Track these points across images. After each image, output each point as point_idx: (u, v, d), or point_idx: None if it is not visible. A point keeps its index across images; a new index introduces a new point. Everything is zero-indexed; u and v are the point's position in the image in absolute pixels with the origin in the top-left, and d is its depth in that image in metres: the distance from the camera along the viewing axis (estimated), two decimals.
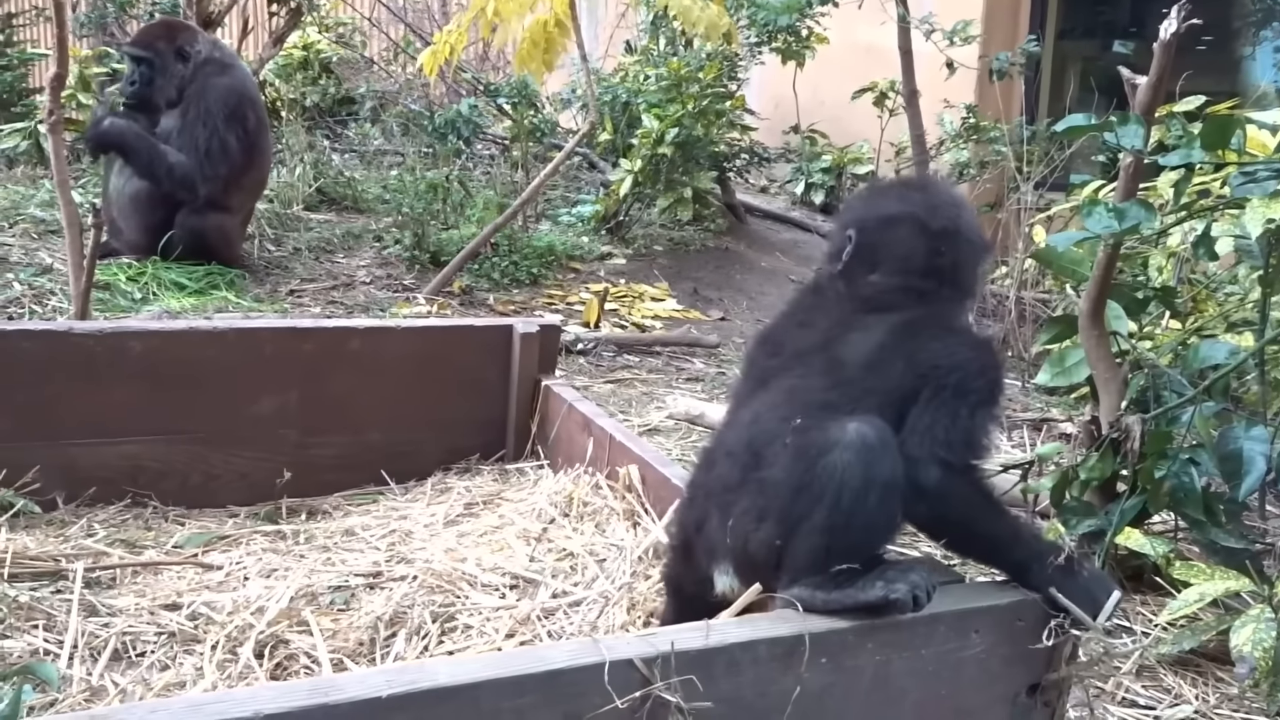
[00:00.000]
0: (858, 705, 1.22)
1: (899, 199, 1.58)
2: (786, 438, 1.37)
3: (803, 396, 1.43)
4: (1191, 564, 2.25)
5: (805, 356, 1.49)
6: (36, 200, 4.95)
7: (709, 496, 1.49)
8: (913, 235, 1.51)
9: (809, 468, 1.31)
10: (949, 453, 1.37)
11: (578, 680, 1.07)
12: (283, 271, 4.79)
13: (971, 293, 1.58)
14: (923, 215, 1.52)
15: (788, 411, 1.41)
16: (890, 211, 1.55)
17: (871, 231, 1.53)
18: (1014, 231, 5.06)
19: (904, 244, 1.51)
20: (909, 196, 1.58)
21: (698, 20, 4.51)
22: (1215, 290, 3.25)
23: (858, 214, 1.59)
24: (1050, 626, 1.28)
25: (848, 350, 1.46)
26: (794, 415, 1.40)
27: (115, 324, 2.50)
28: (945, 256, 1.52)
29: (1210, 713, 2.02)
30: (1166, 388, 2.38)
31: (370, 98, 7.75)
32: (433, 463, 2.48)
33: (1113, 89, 2.79)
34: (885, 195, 1.64)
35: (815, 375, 1.45)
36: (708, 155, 6.10)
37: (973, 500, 1.40)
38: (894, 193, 1.63)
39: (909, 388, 1.40)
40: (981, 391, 1.43)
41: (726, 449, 1.51)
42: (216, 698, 0.96)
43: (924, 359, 1.42)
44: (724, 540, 1.41)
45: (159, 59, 4.39)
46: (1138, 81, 2.28)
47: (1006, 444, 3.57)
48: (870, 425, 1.32)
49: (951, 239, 1.52)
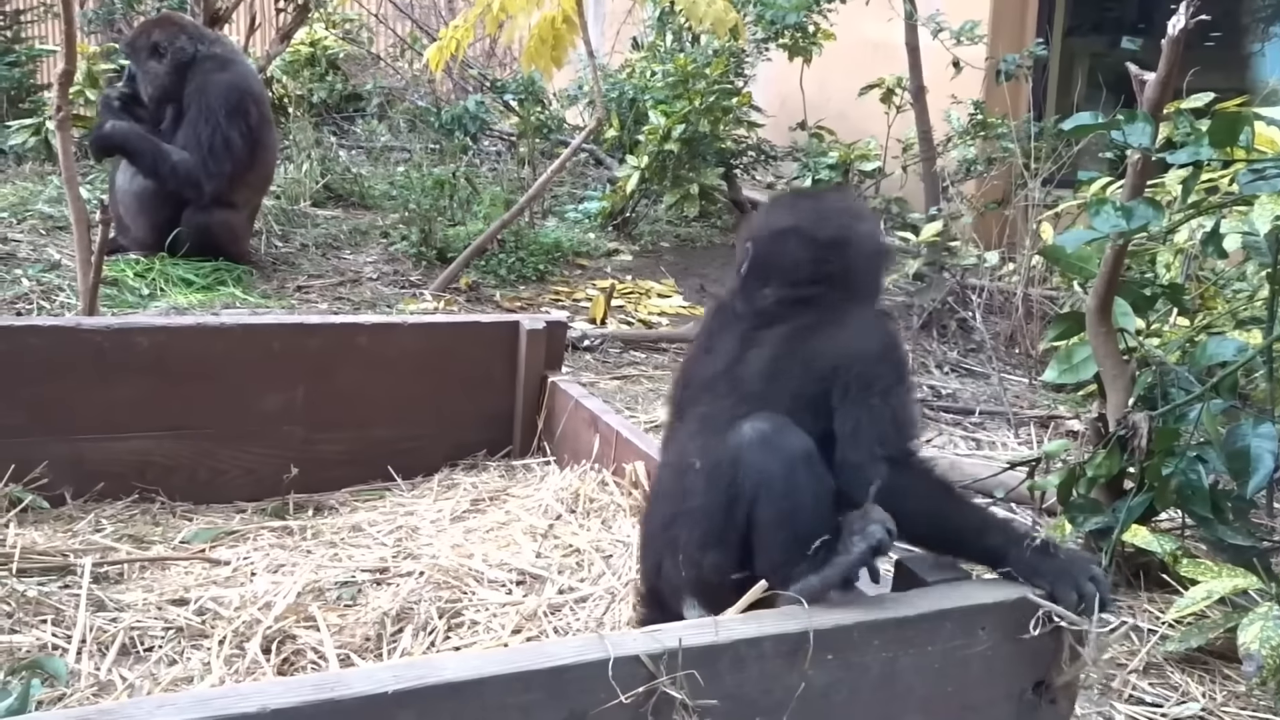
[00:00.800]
0: (863, 702, 1.22)
1: (789, 211, 1.59)
2: (696, 463, 1.41)
3: (712, 423, 1.44)
4: (1199, 561, 2.25)
5: (712, 383, 1.51)
6: (45, 196, 4.97)
7: (656, 539, 1.52)
8: (800, 246, 1.51)
9: (727, 482, 1.35)
10: (885, 447, 1.38)
11: (584, 676, 1.07)
12: (290, 268, 4.80)
13: (870, 297, 1.57)
14: (809, 226, 1.52)
15: (703, 441, 1.44)
16: (780, 225, 1.55)
17: (764, 245, 1.54)
18: (1021, 228, 5.05)
19: (792, 255, 1.51)
20: (799, 207, 1.60)
21: (704, 15, 4.50)
22: (1223, 287, 3.24)
23: (754, 228, 1.59)
24: (1038, 616, 1.28)
25: (747, 369, 1.48)
26: (708, 443, 1.42)
27: (123, 320, 2.51)
28: (834, 264, 1.51)
29: (1217, 710, 2.02)
30: (1174, 385, 2.38)
31: (377, 94, 7.76)
32: (439, 459, 2.48)
33: (1121, 85, 2.78)
34: (777, 208, 1.64)
35: (722, 399, 1.47)
36: (714, 152, 6.09)
37: (931, 491, 1.41)
38: (786, 205, 1.64)
39: (813, 392, 1.42)
40: (887, 375, 1.43)
41: (660, 490, 1.55)
42: (223, 693, 0.97)
43: (820, 363, 1.43)
44: (680, 576, 1.44)
45: (136, 56, 4.41)
46: (1146, 78, 2.27)
47: (1014, 441, 3.57)
48: (762, 418, 1.36)
49: (840, 247, 1.52)
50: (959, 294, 4.98)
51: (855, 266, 1.54)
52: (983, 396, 4.10)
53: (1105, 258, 2.37)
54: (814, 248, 1.51)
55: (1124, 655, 2.20)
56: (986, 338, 4.56)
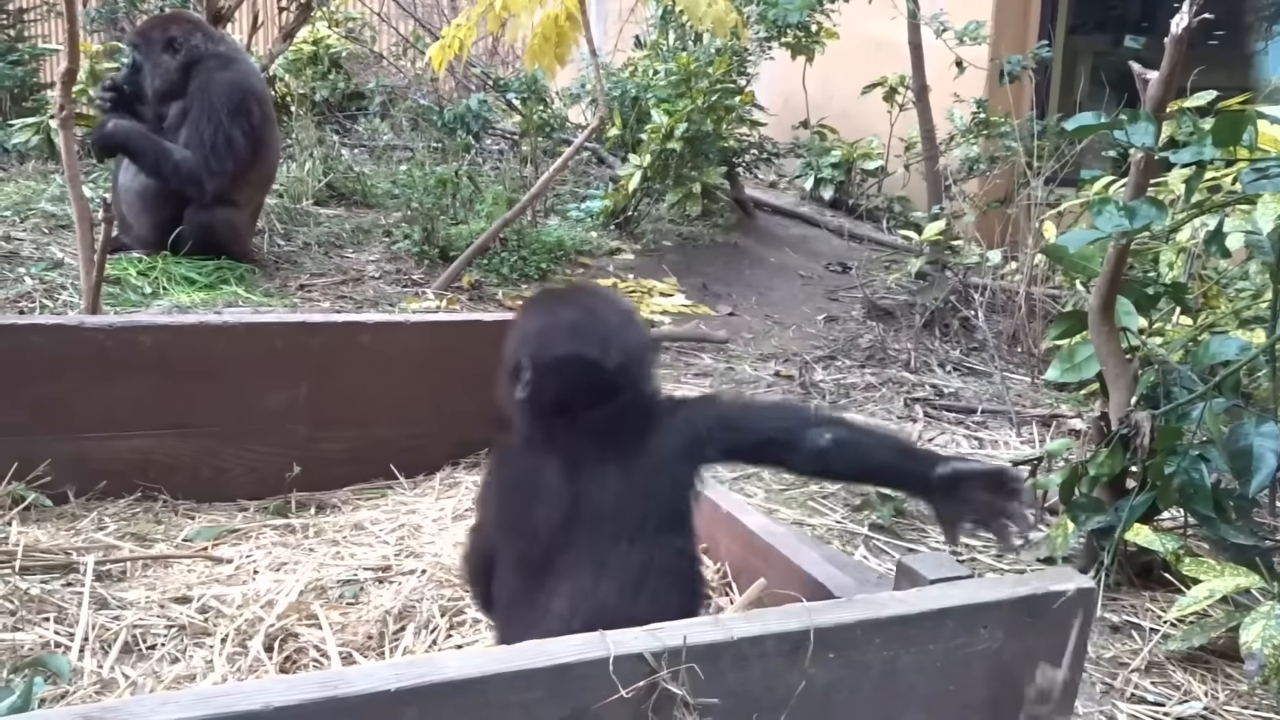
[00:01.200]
0: (865, 700, 1.22)
1: (568, 335, 1.49)
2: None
3: (618, 567, 1.40)
4: (1201, 560, 2.25)
5: (569, 528, 1.43)
6: (48, 195, 4.97)
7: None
8: (588, 374, 1.46)
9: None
10: (800, 419, 1.46)
11: (586, 674, 1.07)
12: (292, 266, 4.80)
13: (652, 386, 1.54)
14: (597, 354, 1.46)
15: (621, 582, 1.39)
16: (561, 351, 1.47)
17: (547, 374, 1.47)
18: (1024, 227, 5.04)
19: (581, 385, 1.46)
20: (577, 328, 1.49)
21: (704, 15, 4.49)
22: (1226, 286, 3.24)
23: (529, 349, 1.49)
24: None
25: (606, 503, 1.43)
26: (630, 586, 1.38)
27: (126, 318, 2.51)
28: (625, 383, 1.48)
29: (1219, 709, 2.02)
30: (1177, 384, 2.38)
31: (380, 93, 7.76)
32: (442, 457, 2.48)
33: (1124, 84, 2.78)
34: (550, 327, 1.52)
35: (609, 541, 1.41)
36: (717, 150, 6.09)
37: (852, 436, 1.46)
38: (560, 325, 1.51)
39: (690, 477, 1.46)
40: (737, 411, 1.51)
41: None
42: (226, 690, 0.97)
43: (675, 465, 1.45)
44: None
45: (148, 48, 4.40)
46: (1149, 77, 2.27)
47: (1016, 440, 3.57)
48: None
49: (628, 369, 1.49)
50: (961, 293, 4.98)
51: (641, 373, 1.52)
52: (985, 395, 4.10)
53: (1108, 257, 2.37)
54: (603, 374, 1.46)
55: (1126, 654, 2.20)
56: (989, 337, 4.56)
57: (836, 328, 5.14)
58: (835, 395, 3.96)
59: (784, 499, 2.90)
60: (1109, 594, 2.40)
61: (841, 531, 2.73)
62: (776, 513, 2.78)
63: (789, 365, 4.34)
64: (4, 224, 4.60)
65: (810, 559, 1.56)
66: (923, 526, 2.80)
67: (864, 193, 7.28)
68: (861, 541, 2.68)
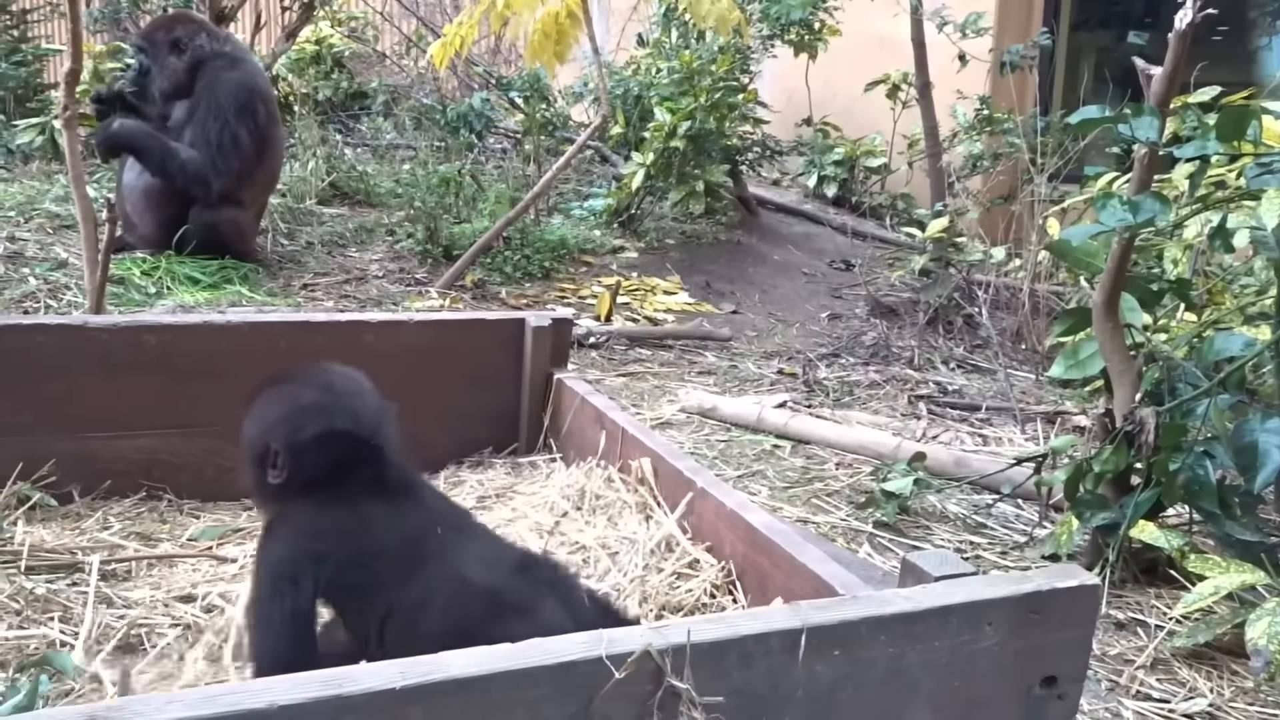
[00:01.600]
0: (870, 697, 1.22)
1: (319, 414, 1.53)
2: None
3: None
4: (1206, 557, 2.24)
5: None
6: (51, 195, 4.98)
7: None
8: (347, 446, 1.52)
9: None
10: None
11: (591, 672, 1.07)
12: (296, 265, 4.81)
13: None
14: (351, 426, 1.53)
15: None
16: (316, 431, 1.51)
17: (304, 452, 1.50)
18: (1028, 224, 5.05)
19: (341, 455, 1.51)
20: (328, 410, 1.54)
21: (707, 14, 4.50)
22: (1231, 282, 3.23)
23: (281, 431, 1.52)
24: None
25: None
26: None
27: (130, 318, 2.51)
28: (377, 443, 1.55)
29: (1225, 706, 2.02)
30: (1181, 380, 2.38)
31: (382, 92, 7.77)
32: (445, 456, 2.48)
33: (1127, 80, 2.77)
34: (301, 409, 1.55)
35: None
36: (720, 148, 6.09)
37: None
38: (309, 405, 1.55)
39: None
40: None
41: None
42: (231, 689, 0.97)
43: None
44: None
45: (155, 50, 4.41)
46: (1152, 72, 2.26)
47: (1020, 437, 3.56)
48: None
49: (377, 436, 1.55)
50: (965, 290, 4.98)
51: (388, 435, 1.58)
52: (989, 392, 4.10)
53: (1112, 253, 2.37)
54: (360, 445, 1.53)
55: (1131, 651, 2.20)
56: (993, 333, 4.56)
57: (840, 325, 5.14)
58: (839, 393, 3.96)
59: (788, 497, 2.90)
60: (1114, 591, 2.40)
61: (846, 529, 2.73)
62: (780, 510, 2.78)
63: (792, 363, 4.34)
64: (8, 224, 4.60)
65: (815, 556, 1.56)
66: (927, 524, 2.80)
67: (867, 190, 7.28)
68: (866, 539, 2.68)
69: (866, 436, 3.31)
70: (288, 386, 1.60)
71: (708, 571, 1.82)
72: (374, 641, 1.42)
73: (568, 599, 1.50)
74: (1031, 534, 2.75)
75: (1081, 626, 1.32)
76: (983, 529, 2.81)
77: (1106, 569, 2.38)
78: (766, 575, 1.67)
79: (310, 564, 1.44)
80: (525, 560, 1.57)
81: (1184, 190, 2.75)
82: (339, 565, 1.44)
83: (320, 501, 1.49)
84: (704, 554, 1.86)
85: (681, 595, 1.79)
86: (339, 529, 1.48)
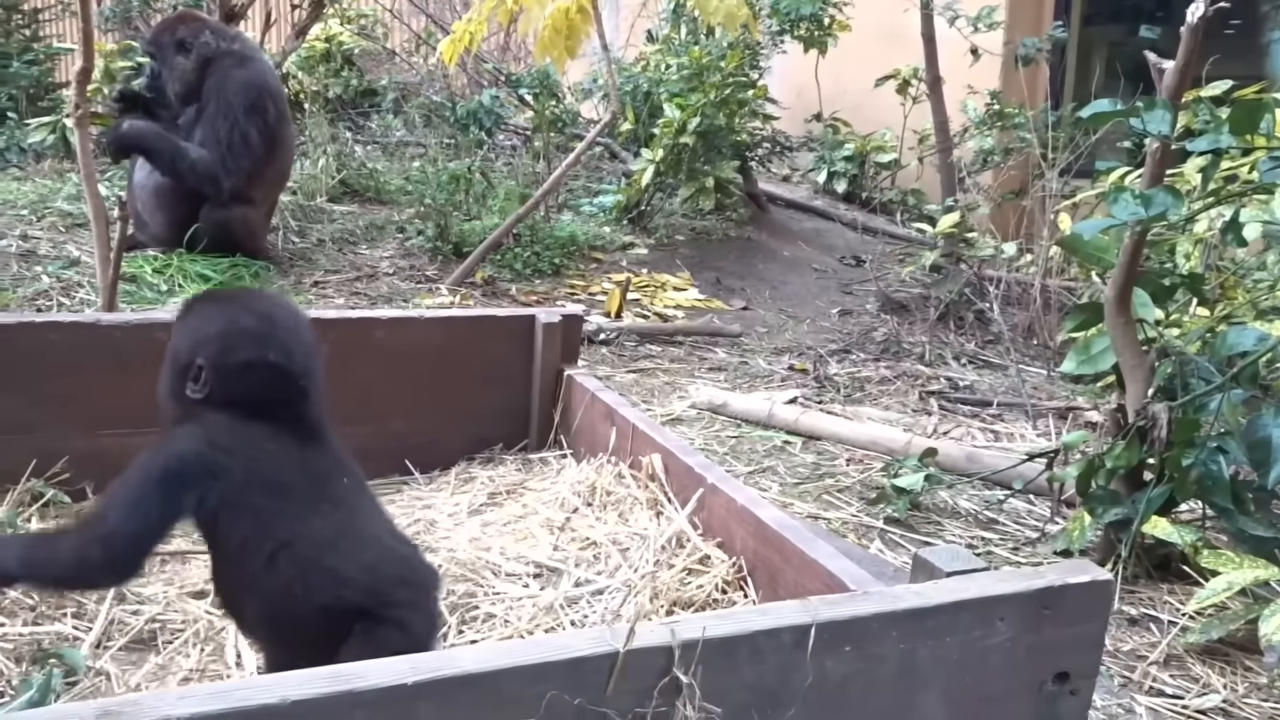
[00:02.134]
0: (881, 692, 1.22)
1: (254, 341, 1.51)
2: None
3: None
4: (1220, 552, 2.23)
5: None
6: (63, 194, 4.99)
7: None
8: (275, 379, 1.51)
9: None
10: None
11: (602, 668, 1.07)
12: (307, 263, 4.81)
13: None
14: (282, 361, 1.51)
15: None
16: (247, 357, 1.50)
17: (230, 375, 1.49)
18: (1039, 219, 5.03)
19: (267, 387, 1.51)
20: (264, 335, 1.52)
21: (715, 10, 4.49)
22: (1243, 277, 3.22)
23: (211, 349, 1.51)
24: None
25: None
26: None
27: (142, 315, 2.51)
28: (305, 383, 1.54)
29: (1239, 702, 2.01)
30: (1194, 375, 2.37)
31: (392, 89, 7.77)
32: (456, 452, 2.49)
33: (1139, 74, 2.76)
34: (231, 330, 1.53)
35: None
36: (730, 144, 6.08)
37: None
38: (242, 329, 1.53)
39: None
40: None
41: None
42: (243, 684, 0.97)
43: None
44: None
45: (162, 53, 4.42)
46: (1164, 66, 2.25)
47: (1032, 433, 3.55)
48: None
49: (306, 376, 1.54)
50: (976, 285, 4.97)
51: (317, 368, 1.58)
52: (1001, 388, 4.09)
53: (1124, 247, 2.36)
54: (288, 381, 1.52)
55: (1144, 647, 2.19)
56: (1004, 329, 4.55)
57: (851, 321, 5.13)
58: (850, 389, 3.95)
59: (799, 493, 2.89)
60: (1126, 587, 2.39)
61: (857, 525, 2.73)
62: (791, 506, 2.78)
63: (803, 359, 4.34)
64: (21, 222, 4.62)
65: (826, 552, 1.56)
66: (938, 520, 2.79)
67: (878, 186, 7.27)
68: (877, 535, 2.68)
69: (878, 432, 3.31)
70: (229, 306, 1.60)
71: (718, 567, 1.82)
72: (257, 567, 1.40)
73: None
74: (1043, 530, 2.75)
75: (1094, 622, 1.32)
76: (994, 525, 2.80)
77: (1119, 565, 2.37)
78: (777, 571, 1.67)
79: (208, 477, 1.40)
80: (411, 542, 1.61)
81: (1196, 184, 2.74)
82: (239, 486, 1.41)
83: (234, 420, 1.48)
84: (715, 550, 1.86)
85: (692, 591, 1.79)
86: (249, 450, 1.46)
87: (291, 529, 1.42)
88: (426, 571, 1.55)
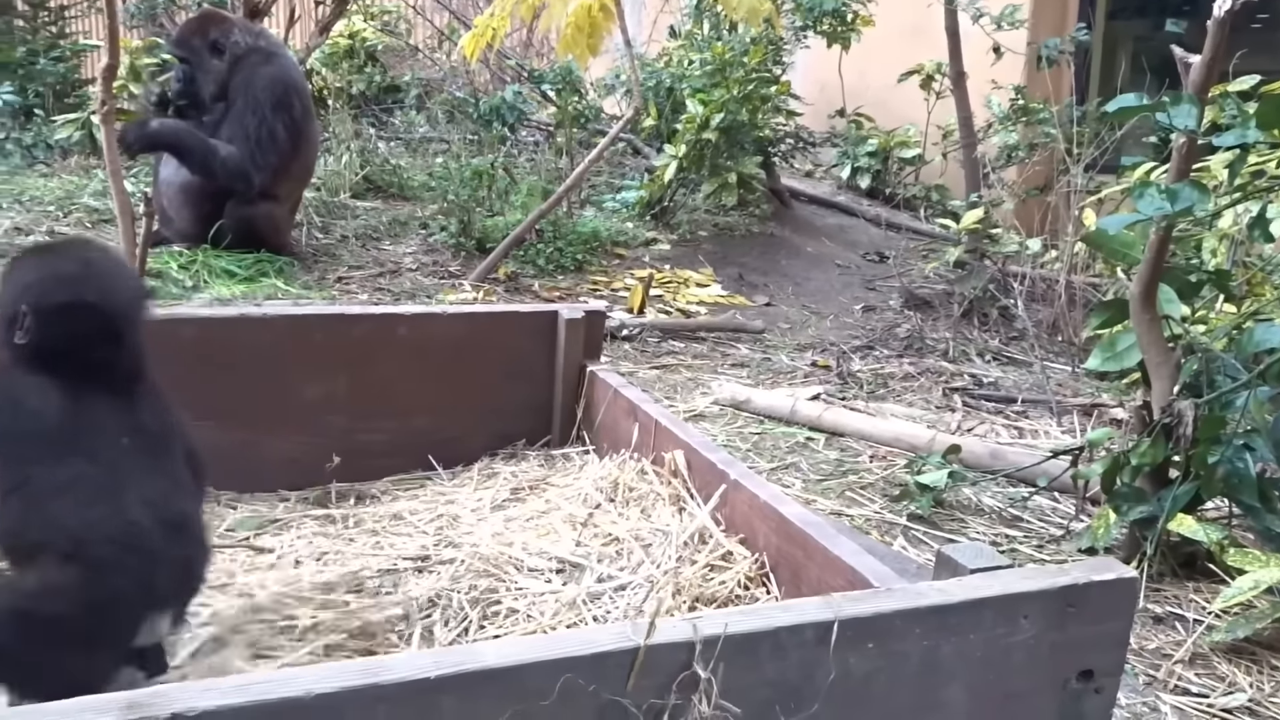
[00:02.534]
0: (905, 689, 1.22)
1: (71, 284, 1.54)
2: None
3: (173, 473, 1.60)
4: (1246, 550, 2.22)
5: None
6: (90, 190, 5.04)
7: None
8: (92, 320, 1.53)
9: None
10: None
11: (624, 663, 1.07)
12: (330, 259, 4.84)
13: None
14: (97, 301, 1.54)
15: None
16: (64, 299, 1.52)
17: (49, 318, 1.51)
18: (1064, 215, 5.00)
19: (84, 329, 1.53)
20: (81, 281, 1.55)
21: (738, 5, 4.49)
22: (1271, 273, 3.19)
23: (33, 294, 1.53)
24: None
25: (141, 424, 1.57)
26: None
27: (168, 311, 2.53)
28: (121, 326, 1.57)
29: (1265, 701, 2.00)
30: (1220, 372, 2.35)
31: (415, 85, 7.80)
32: (479, 448, 2.49)
33: (1165, 69, 2.74)
34: (54, 280, 1.56)
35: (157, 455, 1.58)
36: (753, 140, 6.07)
37: None
38: (64, 276, 1.56)
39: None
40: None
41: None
42: (268, 677, 0.98)
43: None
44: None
45: (195, 56, 4.43)
46: (1191, 60, 2.24)
47: (1057, 430, 3.53)
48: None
49: (123, 318, 1.56)
50: (1000, 282, 4.94)
51: (138, 316, 1.60)
52: (1025, 385, 4.07)
53: (1149, 243, 2.34)
54: (103, 321, 1.54)
55: (1170, 645, 2.18)
56: (1029, 325, 4.52)
57: (874, 317, 5.12)
58: (873, 385, 3.94)
59: (821, 489, 2.89)
60: (1152, 585, 2.38)
61: (880, 521, 2.72)
62: (814, 503, 2.77)
63: (826, 355, 4.33)
64: (48, 218, 4.67)
65: (849, 549, 1.56)
66: (962, 517, 2.78)
67: (901, 181, 7.24)
68: (900, 532, 2.67)
69: (901, 429, 3.30)
70: (49, 255, 1.66)
71: (741, 564, 1.82)
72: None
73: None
74: (1068, 527, 2.73)
75: (1119, 620, 1.31)
76: (1018, 522, 2.79)
77: (1144, 563, 2.36)
78: (800, 568, 1.66)
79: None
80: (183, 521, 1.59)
81: (1223, 179, 2.72)
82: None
83: (38, 367, 1.52)
84: (737, 546, 1.86)
85: (715, 587, 1.79)
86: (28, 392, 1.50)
87: (28, 473, 1.46)
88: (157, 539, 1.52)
